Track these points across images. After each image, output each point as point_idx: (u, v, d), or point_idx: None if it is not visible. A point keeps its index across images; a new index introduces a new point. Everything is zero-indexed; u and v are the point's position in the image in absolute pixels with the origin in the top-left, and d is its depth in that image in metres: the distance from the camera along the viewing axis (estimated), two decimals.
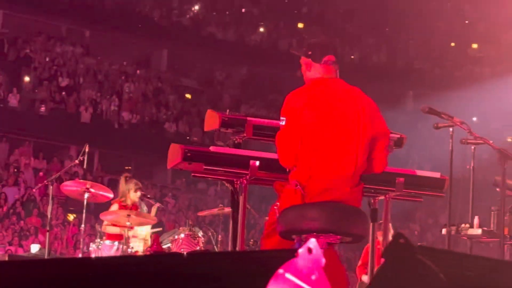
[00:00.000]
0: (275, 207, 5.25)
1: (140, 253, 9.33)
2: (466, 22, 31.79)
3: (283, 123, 5.16)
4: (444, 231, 7.78)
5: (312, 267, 2.12)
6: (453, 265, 1.83)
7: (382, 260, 1.96)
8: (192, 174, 5.93)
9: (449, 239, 7.62)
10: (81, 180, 11.64)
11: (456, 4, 32.14)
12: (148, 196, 11.48)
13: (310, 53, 5.33)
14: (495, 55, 30.30)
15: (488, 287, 1.86)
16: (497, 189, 6.93)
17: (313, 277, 2.12)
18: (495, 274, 1.91)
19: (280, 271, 2.08)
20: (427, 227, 23.52)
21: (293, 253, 2.12)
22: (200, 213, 12.13)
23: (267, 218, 5.67)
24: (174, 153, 5.73)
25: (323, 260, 2.11)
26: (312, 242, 2.15)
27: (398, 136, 6.37)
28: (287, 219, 4.94)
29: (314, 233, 4.79)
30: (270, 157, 5.77)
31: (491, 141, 7.10)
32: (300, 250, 2.10)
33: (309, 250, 2.12)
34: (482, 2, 32.24)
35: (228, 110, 6.26)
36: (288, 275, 2.09)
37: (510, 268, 2.14)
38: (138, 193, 9.80)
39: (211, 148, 5.78)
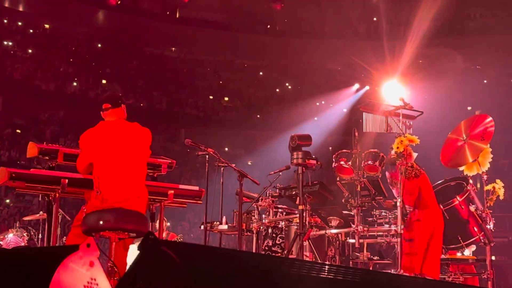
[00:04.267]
0: (83, 208, 5.28)
1: None
2: (221, 82, 32.58)
3: (80, 151, 5.29)
4: (202, 227, 7.85)
5: (90, 257, 2.08)
6: (189, 253, 1.85)
7: None
8: (16, 189, 5.69)
9: (206, 232, 7.72)
10: None
11: (214, 70, 32.88)
12: None
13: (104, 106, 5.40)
14: (240, 105, 31.28)
15: (215, 269, 1.88)
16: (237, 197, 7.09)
17: (91, 264, 2.08)
18: (222, 260, 1.94)
19: (66, 261, 2.03)
20: (194, 224, 23.63)
21: (76, 248, 2.07)
22: (25, 218, 11.45)
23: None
24: (2, 174, 5.47)
25: (98, 252, 2.09)
26: (91, 240, 2.11)
27: (170, 161, 6.40)
28: (88, 221, 4.82)
29: (107, 231, 4.70)
30: (76, 177, 5.65)
31: (233, 164, 7.27)
32: (81, 245, 2.07)
33: (88, 245, 2.08)
34: (232, 67, 33.25)
35: (45, 142, 6.07)
36: (71, 264, 2.04)
37: (230, 254, 2.18)
38: None
39: (32, 170, 5.58)
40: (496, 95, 29.55)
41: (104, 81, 29.12)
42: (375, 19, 30.27)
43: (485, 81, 30.77)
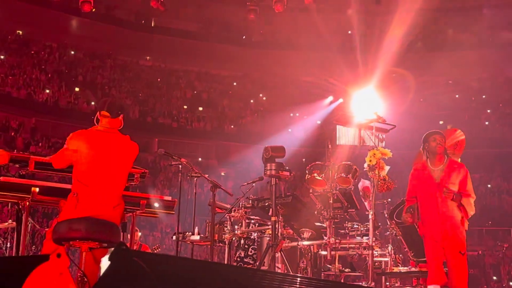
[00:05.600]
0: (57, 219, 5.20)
1: None
2: (195, 92, 32.54)
3: (65, 146, 5.14)
4: (174, 237, 7.82)
5: (60, 267, 2.06)
6: (161, 264, 1.84)
7: None
8: None
9: (178, 243, 7.68)
10: None
11: (189, 80, 32.85)
12: None
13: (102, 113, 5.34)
14: (214, 115, 31.25)
15: (187, 281, 1.88)
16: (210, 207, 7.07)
17: (60, 275, 2.06)
18: (194, 271, 1.93)
19: (36, 271, 2.01)
20: (166, 234, 23.51)
21: (46, 258, 2.05)
22: None
23: (46, 229, 5.54)
24: None
25: (68, 262, 2.07)
26: (61, 250, 2.09)
27: (142, 171, 6.38)
28: (59, 229, 4.76)
29: (77, 240, 4.65)
30: (47, 185, 5.59)
31: (206, 175, 7.27)
32: (51, 255, 2.05)
33: (58, 255, 2.06)
34: (207, 78, 33.25)
35: (15, 150, 6.02)
36: (41, 274, 2.02)
37: (203, 265, 2.18)
38: None
39: (1, 178, 5.51)
40: (468, 110, 29.99)
41: (77, 89, 28.89)
42: (349, 32, 30.54)
43: (456, 96, 31.21)
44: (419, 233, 6.52)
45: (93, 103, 27.36)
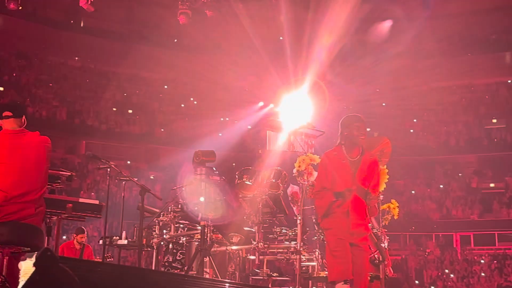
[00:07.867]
0: None
1: None
2: (125, 94, 32.08)
3: None
4: (101, 241, 7.69)
5: None
6: (87, 270, 1.81)
7: None
8: None
9: (105, 248, 7.56)
10: None
11: (118, 82, 32.35)
12: None
13: (4, 114, 5.18)
14: (144, 118, 30.89)
15: (114, 287, 1.85)
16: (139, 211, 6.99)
17: None
18: (121, 277, 1.91)
19: None
20: (93, 238, 23.03)
21: None
22: None
23: None
24: None
25: None
26: None
27: (69, 173, 6.23)
28: None
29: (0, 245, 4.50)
30: None
31: (135, 179, 7.17)
32: None
33: None
34: (137, 80, 32.83)
35: None
36: None
37: (130, 271, 2.16)
38: None
39: None
40: (394, 118, 30.82)
41: (1, 88, 27.97)
42: (281, 38, 30.85)
43: (383, 104, 32.02)
44: (321, 225, 5.99)
45: (21, 104, 26.51)
